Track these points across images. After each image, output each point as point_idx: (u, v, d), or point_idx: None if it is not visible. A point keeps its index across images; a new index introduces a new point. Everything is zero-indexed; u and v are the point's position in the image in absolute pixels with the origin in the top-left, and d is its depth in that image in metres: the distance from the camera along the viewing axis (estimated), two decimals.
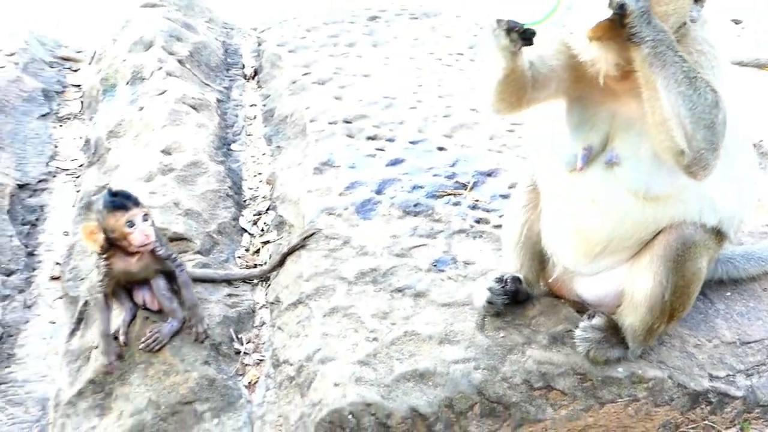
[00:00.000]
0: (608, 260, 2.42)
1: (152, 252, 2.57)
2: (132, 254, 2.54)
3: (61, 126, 4.39)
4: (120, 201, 2.47)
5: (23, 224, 3.52)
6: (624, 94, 2.20)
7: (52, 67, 4.91)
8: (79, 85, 4.77)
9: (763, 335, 2.63)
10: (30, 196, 3.71)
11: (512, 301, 2.60)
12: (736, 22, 5.13)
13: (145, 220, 2.50)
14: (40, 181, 3.83)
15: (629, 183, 2.21)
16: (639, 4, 1.94)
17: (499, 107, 2.34)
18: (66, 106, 4.58)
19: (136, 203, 2.51)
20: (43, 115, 4.38)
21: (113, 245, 2.51)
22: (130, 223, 2.46)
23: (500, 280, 2.56)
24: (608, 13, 1.93)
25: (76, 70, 4.97)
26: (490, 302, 2.54)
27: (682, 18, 2.13)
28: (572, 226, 2.38)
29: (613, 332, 2.43)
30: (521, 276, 2.62)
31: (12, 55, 4.68)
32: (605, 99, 2.26)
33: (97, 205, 2.51)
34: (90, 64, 4.85)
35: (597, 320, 2.45)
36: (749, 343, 2.60)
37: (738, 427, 2.51)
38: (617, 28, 1.97)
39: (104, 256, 2.52)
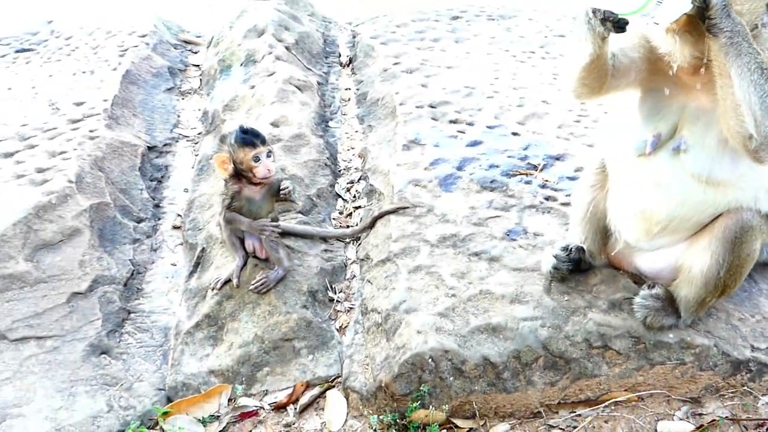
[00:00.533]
0: (667, 239, 2.37)
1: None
2: (256, 184, 2.60)
3: (183, 99, 4.47)
4: (250, 138, 2.53)
5: (151, 180, 3.61)
6: (694, 87, 2.14)
7: (176, 49, 5.01)
8: (198, 65, 4.85)
9: None
10: (157, 157, 3.79)
11: (576, 268, 2.56)
12: None
13: (268, 156, 2.57)
14: (165, 145, 3.91)
15: (694, 168, 2.15)
16: None
17: (580, 92, 2.29)
18: (187, 83, 4.66)
19: (263, 141, 2.56)
20: (169, 89, 4.47)
21: (239, 175, 2.58)
22: (256, 158, 2.52)
23: (566, 248, 2.53)
24: (691, 7, 1.89)
25: (196, 52, 5.06)
26: (555, 267, 2.51)
27: (754, 20, 2.05)
28: (637, 206, 2.33)
29: (669, 302, 2.39)
30: (585, 247, 2.57)
31: (144, 36, 4.81)
32: (677, 91, 2.20)
33: (229, 138, 2.56)
34: (208, 47, 4.91)
35: (657, 290, 2.41)
36: None
37: None
38: (697, 21, 1.93)
39: (231, 182, 2.59)
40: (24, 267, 2.81)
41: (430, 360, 2.29)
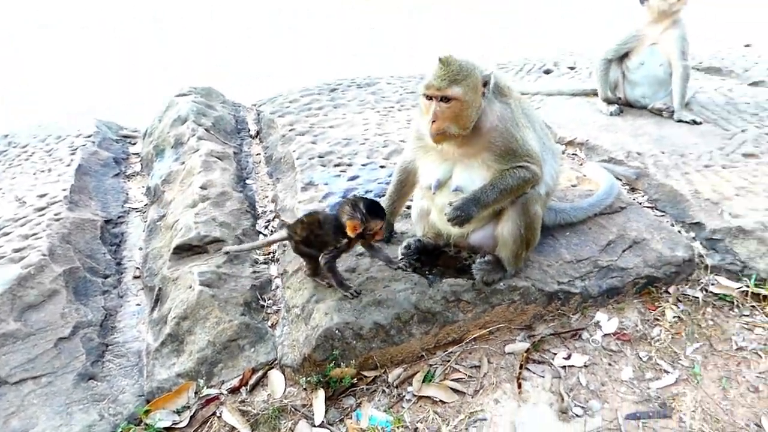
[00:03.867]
0: (479, 224, 2.66)
1: None
2: (366, 238, 2.66)
3: (129, 181, 4.50)
4: (381, 212, 2.60)
5: (111, 245, 3.66)
6: (460, 156, 2.52)
7: (117, 143, 5.02)
8: (138, 153, 4.89)
9: (590, 255, 2.90)
10: (113, 227, 3.84)
11: (424, 253, 2.81)
12: (572, 68, 5.54)
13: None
14: (119, 217, 3.96)
15: None
16: (455, 217, 2.42)
17: None
18: (131, 168, 4.69)
19: (384, 215, 2.63)
20: (116, 175, 4.50)
21: (363, 234, 2.61)
22: (381, 227, 2.61)
23: (407, 246, 2.80)
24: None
25: (134, 144, 5.08)
26: (403, 260, 2.79)
27: (480, 105, 2.41)
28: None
29: (496, 263, 2.68)
30: (422, 239, 2.83)
31: (89, 137, 4.81)
32: (448, 158, 2.57)
33: (361, 208, 2.57)
34: (144, 138, 4.95)
35: (486, 257, 2.71)
36: (581, 260, 2.87)
37: (580, 313, 2.79)
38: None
39: (352, 239, 2.61)
40: (14, 326, 2.84)
41: (336, 331, 2.51)
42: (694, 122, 4.34)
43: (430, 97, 2.37)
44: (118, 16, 13.07)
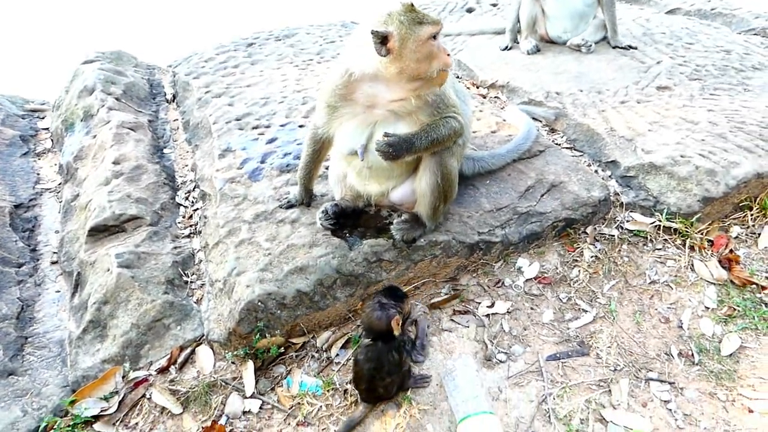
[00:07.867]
0: (397, 181, 2.64)
1: None
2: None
3: (39, 159, 4.26)
4: (402, 293, 2.46)
5: (23, 231, 3.49)
6: (386, 115, 2.41)
7: (23, 119, 4.70)
8: (47, 128, 4.61)
9: (509, 202, 2.92)
10: (25, 212, 3.65)
11: (343, 216, 2.75)
12: (494, 5, 5.44)
13: None
14: (30, 200, 3.76)
15: None
16: (386, 151, 2.30)
17: None
18: (41, 145, 4.43)
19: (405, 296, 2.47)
20: (24, 154, 4.25)
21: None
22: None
23: (324, 211, 2.74)
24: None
25: (43, 118, 4.78)
26: (322, 225, 2.73)
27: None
28: (365, 179, 2.61)
29: (415, 220, 2.68)
30: (340, 203, 2.77)
31: None
32: (369, 120, 2.45)
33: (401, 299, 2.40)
34: (52, 111, 4.68)
35: (404, 216, 2.70)
36: (501, 209, 2.89)
37: (502, 260, 2.85)
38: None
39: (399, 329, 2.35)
40: None
41: (259, 303, 2.48)
42: (630, 47, 4.40)
43: (434, 38, 2.18)
44: None
